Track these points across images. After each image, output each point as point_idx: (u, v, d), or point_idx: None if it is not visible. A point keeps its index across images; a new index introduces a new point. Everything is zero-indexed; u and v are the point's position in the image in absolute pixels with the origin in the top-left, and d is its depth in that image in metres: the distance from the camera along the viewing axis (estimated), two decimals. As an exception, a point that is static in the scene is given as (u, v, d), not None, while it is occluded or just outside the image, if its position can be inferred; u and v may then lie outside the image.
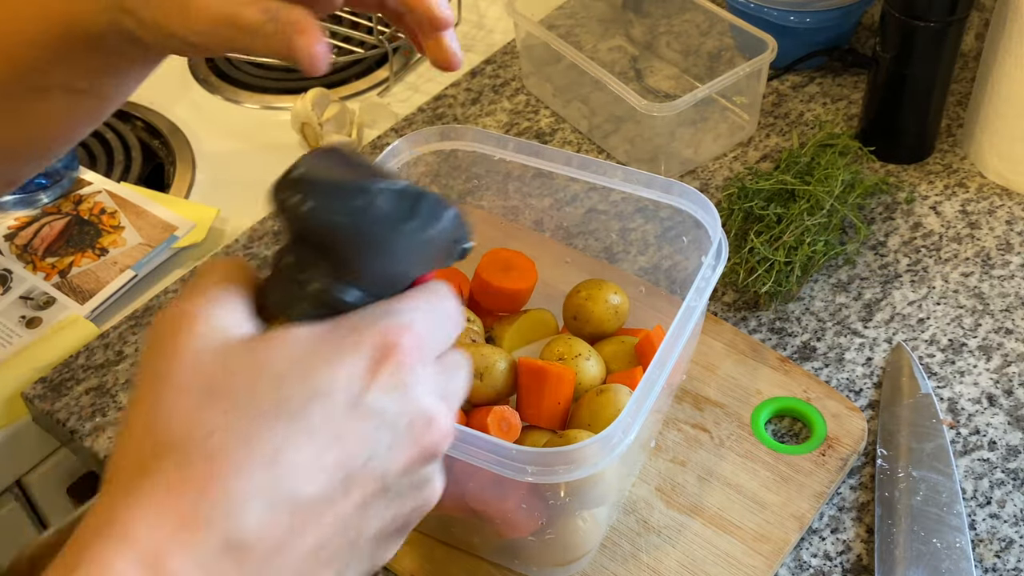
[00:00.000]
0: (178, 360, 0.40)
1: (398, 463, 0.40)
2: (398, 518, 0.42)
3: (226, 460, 0.37)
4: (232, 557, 0.37)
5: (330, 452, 0.38)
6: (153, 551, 0.36)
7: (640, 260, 0.84)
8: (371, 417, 0.39)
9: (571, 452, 0.58)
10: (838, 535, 0.73)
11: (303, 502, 0.38)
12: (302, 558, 0.38)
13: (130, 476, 0.38)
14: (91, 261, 0.95)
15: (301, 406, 0.39)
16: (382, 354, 0.40)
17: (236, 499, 0.37)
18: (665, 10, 1.13)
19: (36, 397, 0.85)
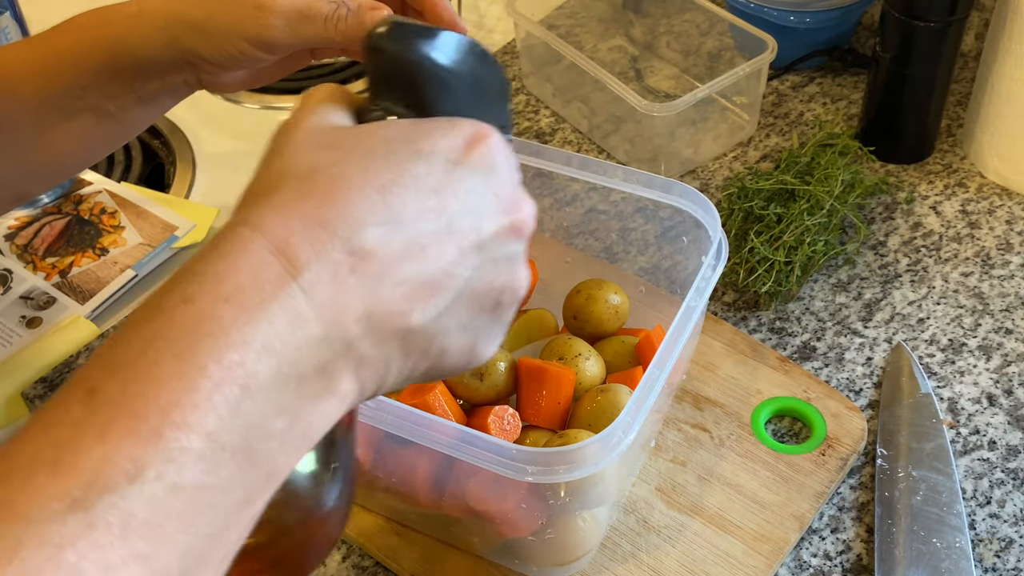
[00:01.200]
0: (295, 136, 0.44)
1: (491, 226, 0.44)
2: (493, 286, 0.44)
3: (346, 181, 0.41)
4: (350, 262, 0.40)
5: (433, 198, 0.42)
6: (284, 241, 0.39)
7: (640, 260, 0.84)
8: (467, 181, 0.43)
9: (571, 452, 0.58)
10: (838, 535, 0.73)
11: (411, 232, 0.41)
12: (411, 283, 0.41)
13: (257, 195, 0.42)
14: (91, 261, 0.95)
15: (407, 159, 0.43)
16: (476, 137, 0.45)
17: (355, 212, 0.41)
18: (665, 10, 1.13)
19: (36, 397, 0.85)
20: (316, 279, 0.39)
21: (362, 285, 0.40)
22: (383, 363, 0.42)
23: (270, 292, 0.39)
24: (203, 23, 0.61)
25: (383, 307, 0.41)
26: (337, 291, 0.40)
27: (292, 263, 0.39)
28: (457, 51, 0.45)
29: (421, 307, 0.42)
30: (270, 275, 0.39)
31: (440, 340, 0.43)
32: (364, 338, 0.41)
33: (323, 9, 0.60)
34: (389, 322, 0.41)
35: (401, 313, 0.41)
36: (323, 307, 0.39)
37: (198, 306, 0.38)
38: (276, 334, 0.38)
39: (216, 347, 0.37)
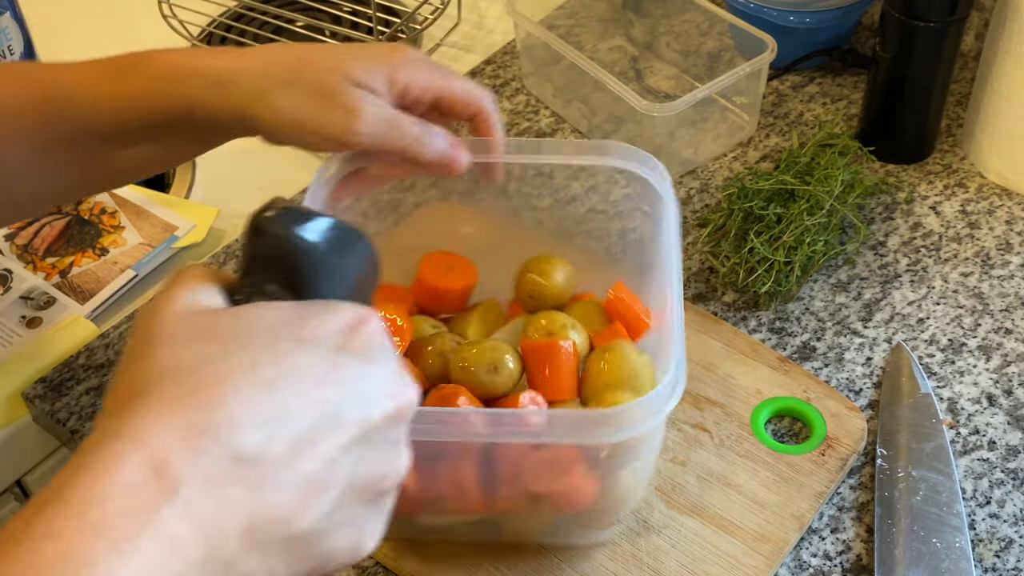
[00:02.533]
0: (166, 323, 0.42)
1: (376, 413, 0.42)
2: (375, 475, 0.43)
3: (227, 381, 0.39)
4: (232, 471, 0.38)
5: (319, 390, 0.41)
6: (160, 455, 0.37)
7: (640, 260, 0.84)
8: (352, 368, 0.42)
9: (643, 403, 0.58)
10: (838, 535, 0.73)
11: (297, 431, 0.40)
12: (298, 484, 0.39)
13: (131, 398, 0.39)
14: (91, 261, 0.95)
15: (291, 348, 0.41)
16: (356, 322, 0.44)
17: (239, 415, 0.38)
18: (665, 10, 1.13)
19: (36, 397, 0.85)
20: (195, 494, 0.37)
21: (245, 494, 0.38)
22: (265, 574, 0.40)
23: (143, 522, 0.36)
24: (285, 111, 0.60)
25: (267, 515, 0.39)
26: (218, 505, 0.37)
27: (169, 480, 0.37)
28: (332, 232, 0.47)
29: (308, 510, 0.40)
30: (143, 500, 0.36)
31: (327, 541, 0.41)
32: (247, 552, 0.38)
33: (412, 130, 0.61)
34: (273, 530, 0.39)
35: (286, 519, 0.39)
36: (202, 525, 0.37)
37: (64, 544, 0.35)
38: (148, 567, 0.36)
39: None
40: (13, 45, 0.93)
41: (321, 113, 0.60)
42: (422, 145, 0.61)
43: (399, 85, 0.63)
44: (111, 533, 0.35)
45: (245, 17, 1.25)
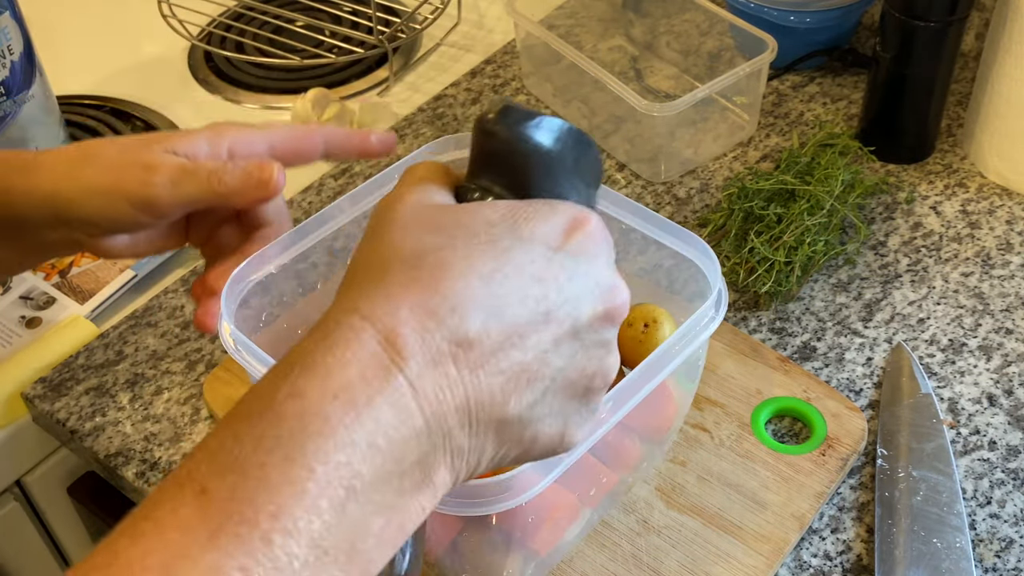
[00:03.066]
0: (399, 212, 0.45)
1: (587, 314, 0.44)
2: (586, 373, 0.45)
3: (451, 268, 0.42)
4: (453, 352, 0.40)
5: (533, 287, 0.43)
6: (392, 330, 0.40)
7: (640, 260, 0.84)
8: (566, 269, 0.44)
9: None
10: (838, 535, 0.73)
11: (511, 320, 0.42)
12: (510, 371, 0.42)
13: (364, 278, 0.43)
14: (91, 261, 0.95)
15: (510, 245, 0.43)
16: (575, 223, 0.45)
17: (460, 301, 0.41)
18: (665, 10, 1.13)
19: (36, 397, 0.85)
20: (421, 370, 0.40)
21: (463, 375, 0.41)
22: (477, 452, 0.42)
23: (377, 387, 0.39)
24: (90, 181, 0.61)
25: (482, 397, 0.41)
26: (440, 382, 0.40)
27: (400, 354, 0.40)
28: (560, 136, 0.47)
29: (517, 396, 0.42)
30: (378, 368, 0.39)
31: (533, 428, 0.44)
32: (462, 429, 0.41)
33: (207, 165, 0.61)
34: (486, 412, 0.42)
35: (499, 403, 0.42)
36: (426, 399, 0.40)
37: (307, 402, 0.38)
38: (382, 431, 0.39)
39: (324, 448, 0.37)
40: (13, 45, 0.93)
41: (121, 173, 0.60)
42: (219, 175, 0.60)
43: (221, 145, 0.64)
44: (351, 396, 0.38)
45: (245, 17, 1.25)
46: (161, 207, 0.61)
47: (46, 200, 0.62)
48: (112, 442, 0.82)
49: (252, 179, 0.61)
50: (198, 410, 0.84)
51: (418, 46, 1.21)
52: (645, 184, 1.00)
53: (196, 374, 0.86)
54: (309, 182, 1.02)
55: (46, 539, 0.98)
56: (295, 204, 1.00)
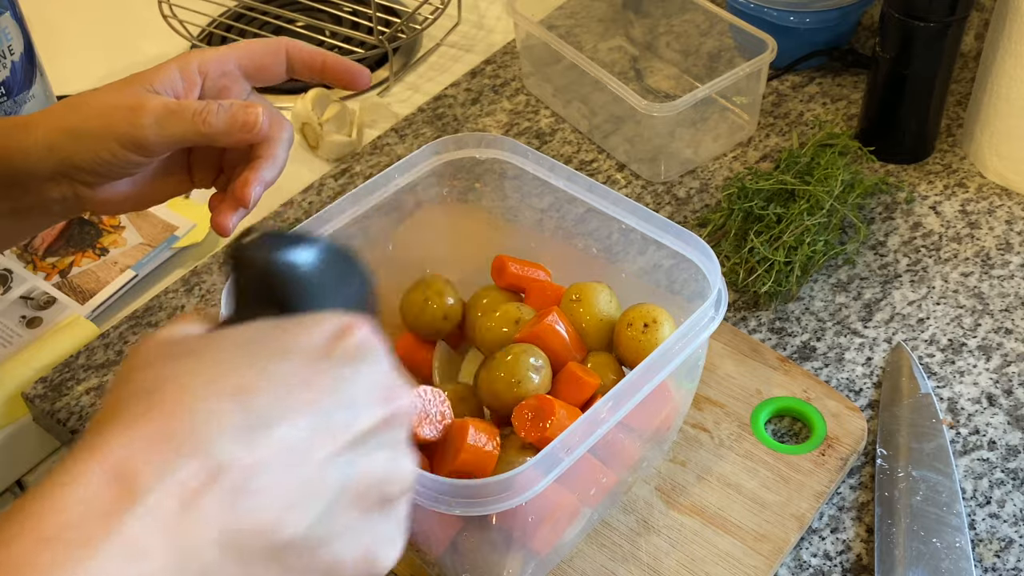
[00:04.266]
0: (144, 351, 0.42)
1: (366, 420, 0.41)
2: (375, 480, 0.41)
3: (195, 391, 0.38)
4: (200, 479, 0.37)
5: (298, 394, 0.40)
6: (123, 464, 0.36)
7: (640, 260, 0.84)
8: (336, 375, 0.41)
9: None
10: (838, 535, 0.73)
11: (274, 437, 0.38)
12: (278, 492, 0.38)
13: (102, 420, 0.39)
14: (91, 261, 0.95)
15: (268, 358, 0.40)
16: (343, 329, 0.43)
17: (205, 422, 0.38)
18: (665, 10, 1.13)
19: (36, 397, 0.85)
20: (159, 503, 0.36)
21: (216, 503, 0.37)
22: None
23: (100, 528, 0.35)
24: (80, 128, 0.62)
25: (246, 524, 0.37)
26: (188, 514, 0.36)
27: (131, 489, 0.36)
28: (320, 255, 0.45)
29: (295, 517, 0.38)
30: (104, 506, 0.35)
31: (327, 551, 0.40)
32: (227, 562, 0.37)
33: (192, 106, 0.62)
34: (258, 539, 0.38)
35: (269, 528, 0.38)
36: (173, 533, 0.36)
37: (17, 550, 0.34)
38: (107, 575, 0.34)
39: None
40: (13, 45, 0.93)
41: (109, 116, 0.62)
42: (204, 116, 0.61)
43: (191, 67, 0.65)
44: (67, 539, 0.35)
45: (245, 17, 1.25)
46: (149, 146, 0.62)
47: (44, 155, 0.63)
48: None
49: (237, 121, 0.62)
50: (198, 410, 0.83)
51: (418, 46, 1.21)
52: (645, 184, 1.00)
53: (196, 374, 0.86)
54: (309, 182, 1.03)
55: (46, 539, 0.98)
56: (295, 204, 1.00)
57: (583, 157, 1.03)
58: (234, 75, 0.67)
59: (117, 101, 0.62)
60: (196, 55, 0.66)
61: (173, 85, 0.64)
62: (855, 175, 0.93)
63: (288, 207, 1.00)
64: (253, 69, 0.67)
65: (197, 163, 0.69)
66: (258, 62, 0.67)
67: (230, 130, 0.62)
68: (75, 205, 0.66)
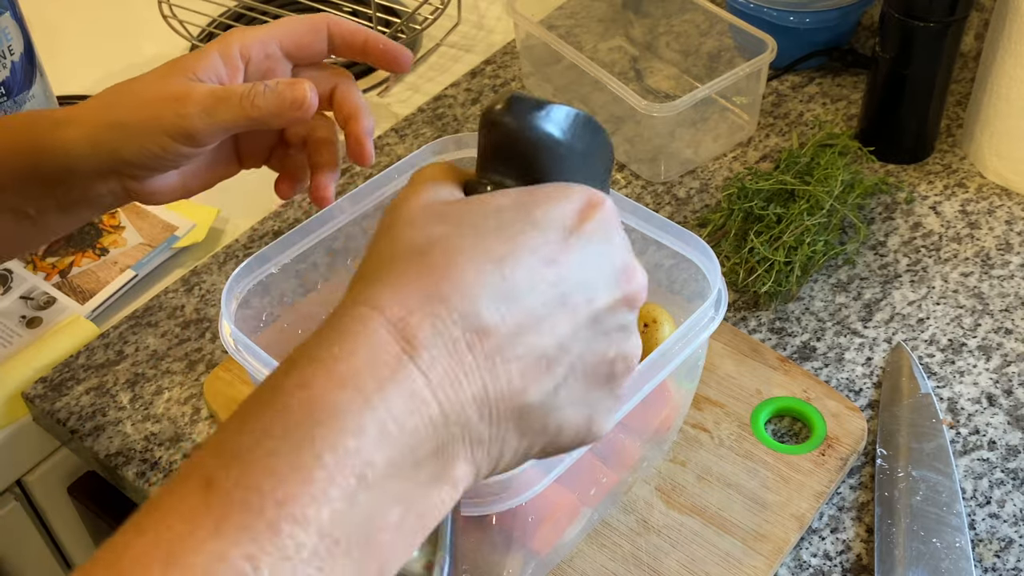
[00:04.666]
0: (406, 210, 0.44)
1: (605, 299, 0.43)
2: (606, 358, 0.44)
3: (461, 255, 0.41)
4: (467, 339, 0.39)
5: (548, 270, 0.42)
6: (403, 319, 0.39)
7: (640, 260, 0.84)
8: (582, 251, 0.43)
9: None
10: (838, 535, 0.73)
11: (527, 305, 0.41)
12: (527, 358, 0.41)
13: (371, 274, 0.41)
14: (91, 261, 0.95)
15: (521, 229, 0.42)
16: (588, 205, 0.44)
17: (473, 287, 0.40)
18: (665, 10, 1.13)
19: (36, 397, 0.85)
20: (434, 358, 0.39)
21: (479, 363, 0.40)
22: (499, 443, 0.41)
23: (387, 375, 0.38)
24: (125, 122, 0.60)
25: (500, 385, 0.40)
26: (455, 370, 0.39)
27: (410, 342, 0.39)
28: (570, 124, 0.46)
29: (537, 383, 0.41)
30: (387, 356, 0.38)
31: (556, 416, 0.42)
32: (481, 418, 0.40)
33: (238, 90, 0.60)
34: (505, 400, 0.40)
35: (518, 391, 0.41)
36: (441, 387, 0.39)
37: (314, 391, 0.37)
38: (393, 419, 0.37)
39: (332, 435, 0.36)
40: (13, 45, 0.93)
41: (154, 108, 0.60)
42: (252, 99, 0.60)
43: (232, 51, 0.63)
44: (359, 384, 0.37)
45: (245, 17, 1.25)
46: (199, 137, 0.60)
47: (89, 152, 0.61)
48: (112, 442, 0.82)
49: (285, 100, 0.60)
50: (198, 410, 0.84)
51: (418, 46, 1.21)
52: (645, 184, 1.00)
53: (196, 374, 0.86)
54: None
55: (46, 539, 0.98)
56: (295, 204, 1.00)
57: (583, 157, 1.03)
58: (276, 56, 0.65)
59: (161, 92, 0.61)
60: (236, 37, 0.64)
61: (216, 71, 0.63)
62: (855, 175, 0.93)
63: (288, 207, 1.00)
64: (295, 48, 0.66)
65: (245, 146, 0.68)
66: (299, 40, 0.66)
67: (280, 110, 0.60)
68: (123, 198, 0.65)
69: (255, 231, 0.98)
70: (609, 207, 0.44)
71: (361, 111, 0.66)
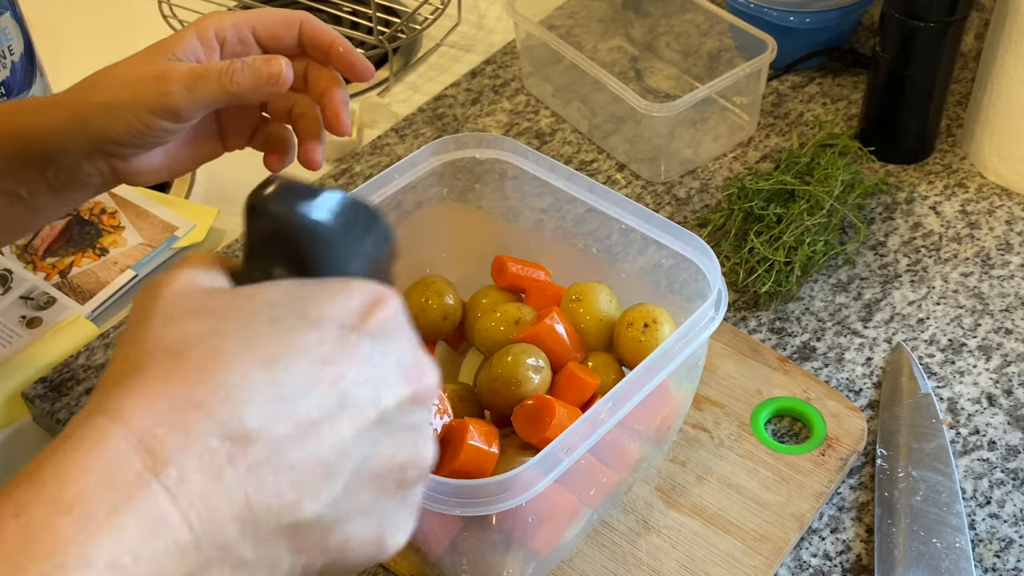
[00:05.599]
0: (161, 300, 0.40)
1: (392, 398, 0.40)
2: (395, 463, 0.40)
3: (223, 356, 0.37)
4: (227, 450, 0.35)
5: (325, 369, 0.38)
6: (148, 431, 0.35)
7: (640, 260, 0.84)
8: (363, 349, 0.39)
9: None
10: (838, 535, 0.73)
11: (302, 409, 0.37)
12: (302, 466, 0.37)
13: (120, 377, 0.37)
14: (91, 261, 0.95)
15: (296, 326, 0.39)
16: (373, 301, 0.41)
17: (235, 390, 0.36)
18: (665, 10, 1.13)
19: (36, 397, 0.85)
20: (185, 474, 0.35)
21: (241, 475, 0.35)
22: (268, 566, 0.37)
23: (123, 496, 0.34)
24: (110, 102, 0.63)
25: (267, 499, 0.36)
26: (211, 486, 0.35)
27: (155, 457, 0.34)
28: (343, 210, 0.43)
29: (313, 495, 0.37)
30: (126, 475, 0.34)
31: (339, 531, 0.39)
32: (244, 539, 0.36)
33: (217, 67, 0.62)
34: (274, 516, 0.36)
35: (290, 504, 0.37)
36: (193, 507, 0.35)
37: (32, 519, 0.33)
38: (128, 548, 0.33)
39: (51, 572, 0.32)
40: (13, 45, 0.93)
41: (138, 87, 0.62)
42: (231, 75, 0.62)
43: (208, 33, 0.66)
44: (88, 508, 0.33)
45: (245, 17, 1.24)
46: (182, 112, 0.62)
47: (77, 131, 0.63)
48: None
49: (262, 75, 0.62)
50: (198, 410, 0.83)
51: (418, 46, 1.21)
52: (645, 184, 1.00)
53: (196, 374, 0.86)
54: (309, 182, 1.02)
55: (46, 539, 0.98)
56: (295, 204, 1.00)
57: (583, 157, 1.03)
58: (249, 42, 0.67)
59: (144, 72, 0.63)
60: (212, 20, 0.66)
61: (194, 51, 0.65)
62: (855, 175, 0.93)
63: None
64: (267, 38, 0.68)
65: (228, 126, 0.71)
66: (273, 31, 0.68)
67: (257, 85, 0.62)
68: (111, 179, 0.67)
69: (255, 231, 0.98)
70: (394, 302, 0.41)
71: (334, 83, 0.68)
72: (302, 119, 0.69)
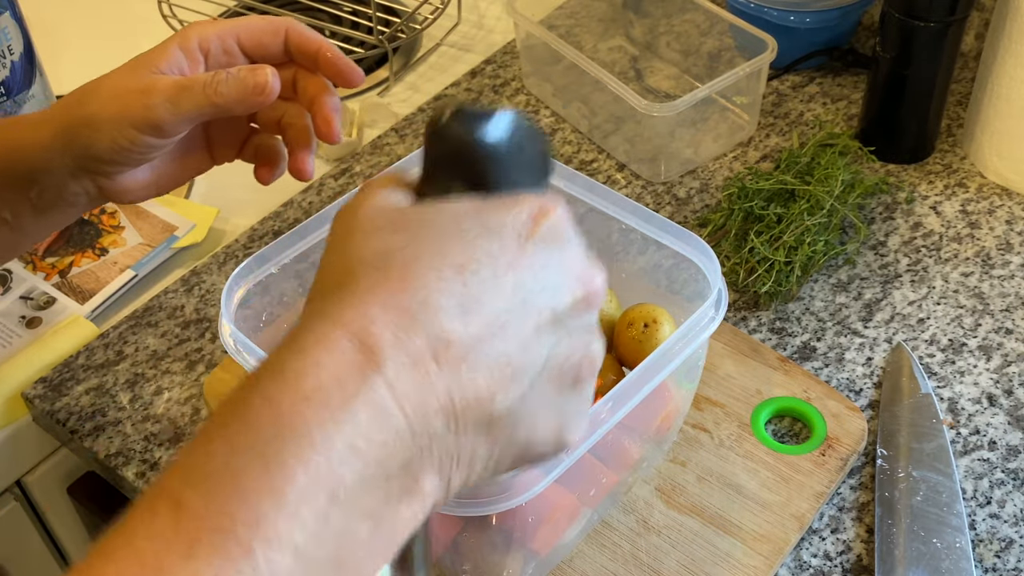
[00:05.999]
0: (358, 219, 0.43)
1: (565, 300, 0.43)
2: (572, 360, 0.43)
3: (420, 264, 0.40)
4: (432, 349, 0.39)
5: (509, 274, 0.41)
6: (365, 332, 0.38)
7: (640, 260, 0.84)
8: (540, 255, 0.42)
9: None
10: (838, 535, 0.73)
11: (489, 311, 0.40)
12: (493, 364, 0.40)
13: (331, 286, 0.41)
14: (91, 261, 0.95)
15: (478, 235, 0.42)
16: (541, 211, 0.44)
17: (434, 295, 0.39)
18: (665, 10, 1.13)
19: (36, 397, 0.85)
20: (399, 370, 0.38)
21: (444, 372, 0.39)
22: (468, 455, 0.40)
23: (352, 389, 0.37)
24: (93, 118, 0.62)
25: (466, 394, 0.39)
26: (420, 381, 0.39)
27: (374, 354, 0.38)
28: (513, 130, 0.47)
29: (504, 390, 0.40)
30: (352, 370, 0.38)
31: (525, 424, 0.42)
32: (448, 430, 0.39)
33: (201, 79, 0.61)
34: (473, 410, 0.40)
35: (485, 399, 0.40)
36: (407, 399, 0.38)
37: (282, 407, 0.37)
38: (361, 434, 0.37)
39: (301, 453, 0.36)
40: (13, 45, 0.93)
41: (122, 101, 0.62)
42: (215, 87, 0.61)
43: (191, 44, 0.65)
44: (325, 399, 0.37)
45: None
46: (166, 127, 0.62)
47: (62, 148, 0.62)
48: (112, 442, 0.82)
49: (248, 86, 0.62)
50: (198, 410, 0.84)
51: (418, 46, 1.21)
52: (645, 184, 1.00)
53: (196, 374, 0.86)
54: (309, 182, 1.02)
55: (46, 539, 0.98)
56: (295, 204, 1.00)
57: (583, 157, 1.03)
58: (234, 52, 0.66)
59: (128, 86, 0.62)
60: (195, 31, 0.65)
61: (178, 64, 0.64)
62: (855, 175, 0.93)
63: (288, 207, 1.00)
64: (253, 47, 0.67)
65: (216, 139, 0.70)
66: (258, 40, 0.67)
67: (243, 96, 0.62)
68: (97, 197, 0.66)
69: (255, 231, 0.98)
70: (561, 211, 0.44)
71: (323, 90, 0.67)
72: (291, 128, 0.68)
